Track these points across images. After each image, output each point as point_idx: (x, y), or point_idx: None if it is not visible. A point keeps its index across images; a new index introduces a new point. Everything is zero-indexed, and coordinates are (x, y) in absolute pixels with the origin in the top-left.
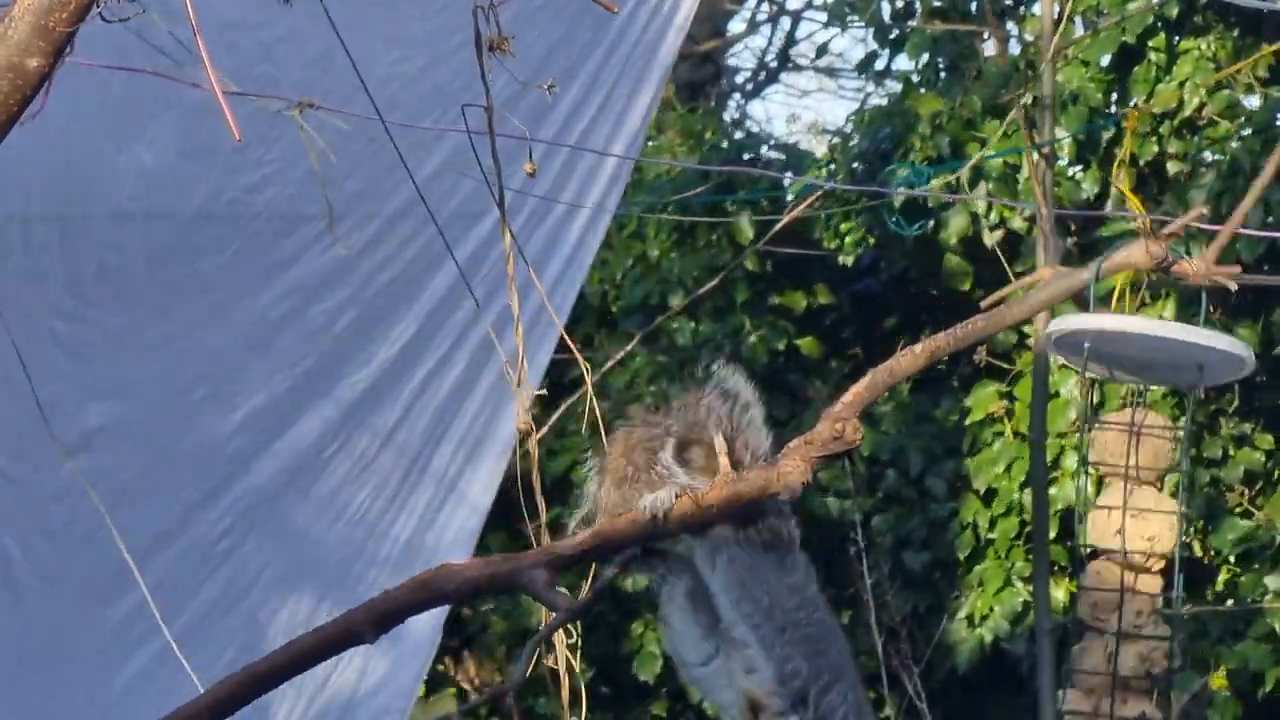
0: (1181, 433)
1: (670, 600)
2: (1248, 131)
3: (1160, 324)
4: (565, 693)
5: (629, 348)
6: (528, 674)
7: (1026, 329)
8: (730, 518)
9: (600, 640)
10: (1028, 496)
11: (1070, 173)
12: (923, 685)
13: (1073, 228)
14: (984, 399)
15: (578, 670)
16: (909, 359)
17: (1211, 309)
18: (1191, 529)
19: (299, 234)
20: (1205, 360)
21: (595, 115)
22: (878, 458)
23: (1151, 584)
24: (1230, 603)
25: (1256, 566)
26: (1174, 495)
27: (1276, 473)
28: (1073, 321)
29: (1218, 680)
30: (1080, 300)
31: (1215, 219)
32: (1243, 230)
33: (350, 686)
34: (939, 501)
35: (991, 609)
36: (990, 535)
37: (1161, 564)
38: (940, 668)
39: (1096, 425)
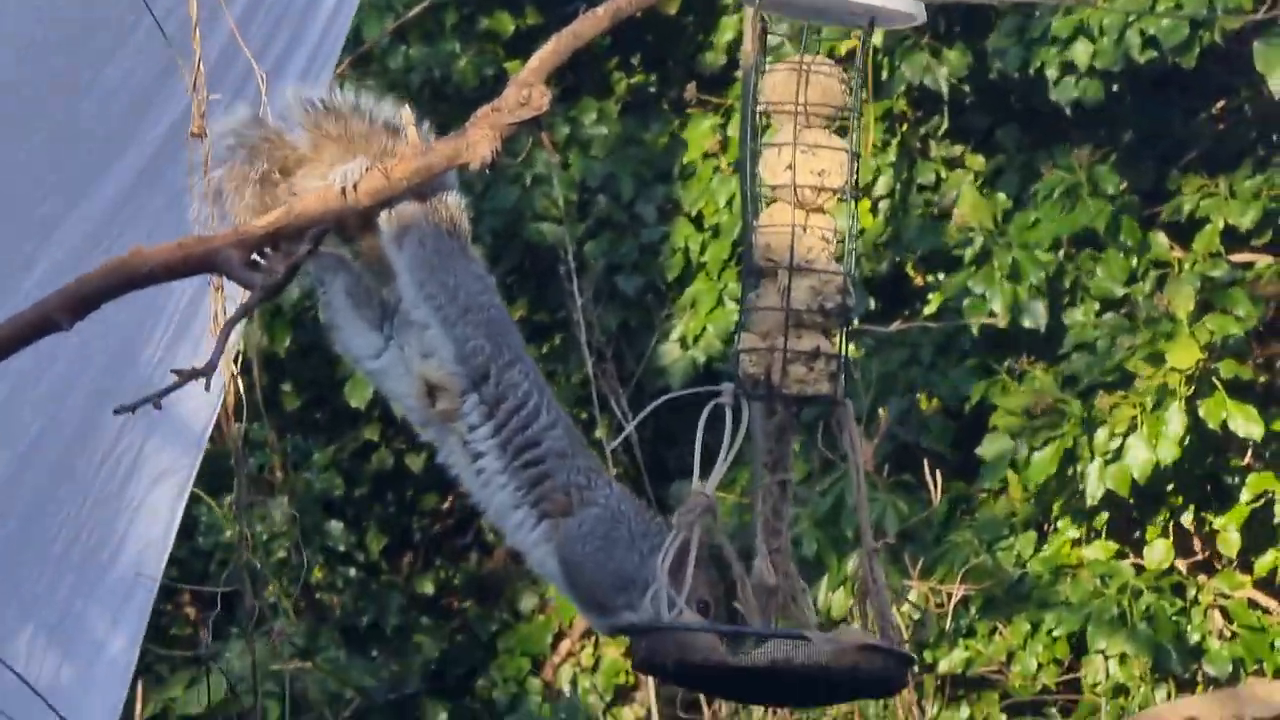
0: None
1: (329, 304)
2: None
3: None
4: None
5: (339, 70)
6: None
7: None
8: (418, 194)
9: (313, 366)
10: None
11: None
12: (633, 405)
13: None
14: (698, 135)
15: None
16: (591, 21)
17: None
18: (906, 253)
19: None
20: (877, 14)
21: None
22: (589, 184)
23: (823, 221)
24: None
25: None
26: (845, 135)
27: (987, 192)
28: None
29: (924, 401)
30: None
31: None
32: None
33: None
34: (650, 226)
35: (704, 330)
36: (702, 259)
37: (832, 200)
38: (651, 388)
39: (766, 68)
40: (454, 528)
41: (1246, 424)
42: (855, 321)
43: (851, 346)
